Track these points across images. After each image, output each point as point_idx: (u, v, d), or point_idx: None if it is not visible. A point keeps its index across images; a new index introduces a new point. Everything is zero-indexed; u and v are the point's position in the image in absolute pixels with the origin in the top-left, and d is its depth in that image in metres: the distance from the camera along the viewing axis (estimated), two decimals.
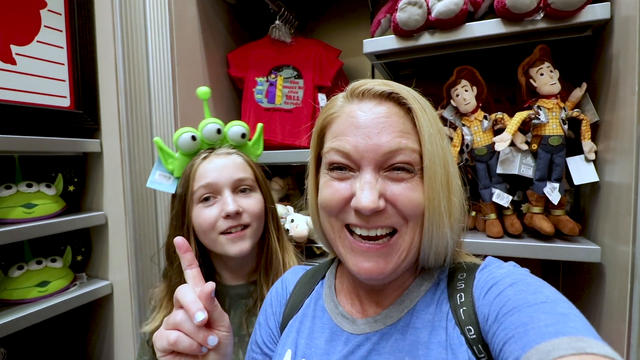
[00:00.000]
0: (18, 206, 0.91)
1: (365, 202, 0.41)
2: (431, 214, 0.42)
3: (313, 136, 0.51)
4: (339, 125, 0.46)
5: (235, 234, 0.70)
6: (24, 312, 0.87)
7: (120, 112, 1.02)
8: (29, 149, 0.90)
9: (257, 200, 0.74)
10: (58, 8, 0.97)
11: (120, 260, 1.06)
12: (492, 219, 0.93)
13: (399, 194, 0.42)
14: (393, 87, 0.45)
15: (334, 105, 0.48)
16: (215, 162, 0.73)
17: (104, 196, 1.07)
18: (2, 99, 0.86)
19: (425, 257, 0.46)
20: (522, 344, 0.32)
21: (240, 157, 0.76)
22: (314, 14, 1.42)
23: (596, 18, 0.77)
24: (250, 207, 0.72)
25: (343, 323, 0.49)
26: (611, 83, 0.79)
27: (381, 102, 0.44)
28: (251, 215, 0.72)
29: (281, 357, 0.51)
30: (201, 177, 0.71)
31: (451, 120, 0.97)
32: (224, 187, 0.71)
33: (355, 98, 0.46)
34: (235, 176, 0.72)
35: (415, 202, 0.42)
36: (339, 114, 0.46)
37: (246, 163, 0.76)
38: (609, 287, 0.80)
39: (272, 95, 1.21)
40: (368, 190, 0.41)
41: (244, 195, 0.73)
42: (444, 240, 0.44)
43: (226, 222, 0.69)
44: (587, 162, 0.85)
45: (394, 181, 0.43)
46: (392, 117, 0.43)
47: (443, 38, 0.88)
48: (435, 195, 0.42)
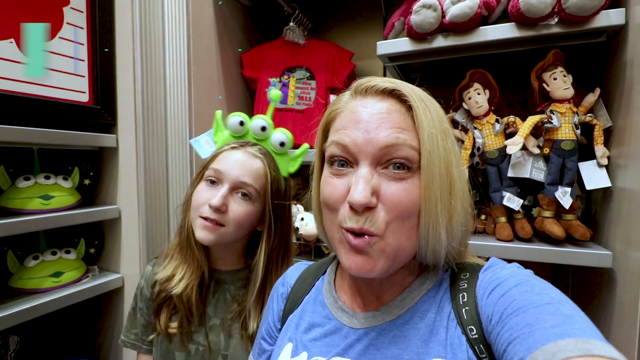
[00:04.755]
0: (36, 197, 0.93)
1: (358, 196, 0.40)
2: (427, 214, 0.42)
3: (318, 131, 0.51)
4: (341, 120, 0.46)
5: (209, 223, 0.70)
6: (37, 301, 0.88)
7: (137, 108, 1.04)
8: (48, 142, 0.92)
9: (247, 210, 0.72)
10: (80, 6, 0.99)
11: (132, 254, 1.07)
12: (503, 222, 0.93)
13: (391, 194, 0.42)
14: (396, 84, 0.45)
15: (340, 102, 0.49)
16: (237, 156, 0.73)
17: (118, 191, 1.09)
18: (24, 92, 0.89)
19: (422, 255, 0.45)
20: (528, 345, 0.32)
21: (262, 164, 0.74)
22: (327, 17, 1.44)
23: (611, 24, 0.77)
24: (235, 211, 0.71)
25: (343, 317, 0.50)
26: (625, 89, 0.79)
27: (383, 98, 0.45)
28: (231, 219, 0.71)
29: (281, 349, 0.52)
30: (218, 161, 0.73)
31: (463, 123, 0.97)
32: (226, 181, 0.71)
33: (359, 94, 0.47)
34: (241, 178, 0.71)
35: (405, 204, 0.42)
36: (342, 110, 0.47)
37: (264, 173, 0.74)
38: (620, 293, 0.79)
39: (285, 96, 1.22)
40: (362, 184, 0.41)
41: (241, 198, 0.72)
42: (440, 242, 0.43)
43: (208, 210, 0.70)
44: (600, 167, 0.85)
45: (391, 179, 0.42)
46: (392, 114, 0.43)
47: (457, 41, 0.89)
48: (431, 195, 0.41)
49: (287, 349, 0.51)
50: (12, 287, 0.93)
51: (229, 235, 0.72)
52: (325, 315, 0.52)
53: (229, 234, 0.71)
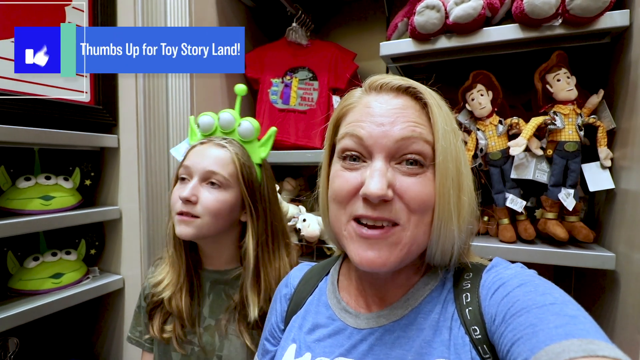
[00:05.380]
0: (36, 198, 0.93)
1: (374, 188, 0.40)
2: (440, 210, 0.42)
3: (329, 127, 0.51)
4: (354, 114, 0.46)
5: (184, 217, 0.71)
6: (37, 303, 0.88)
7: (138, 108, 1.03)
8: (49, 142, 0.91)
9: (218, 197, 0.71)
10: (82, 5, 0.99)
11: (133, 255, 1.07)
12: (505, 224, 0.93)
13: (407, 187, 0.42)
14: (410, 82, 0.46)
15: (352, 97, 0.49)
16: (203, 149, 0.74)
17: (119, 191, 1.08)
18: (25, 92, 0.88)
19: (431, 254, 0.46)
20: (531, 345, 0.32)
21: (228, 153, 0.73)
22: (330, 17, 1.43)
23: (615, 25, 0.77)
24: (205, 200, 0.71)
25: (346, 318, 0.50)
26: (629, 90, 0.79)
27: (398, 95, 0.45)
28: (204, 208, 0.70)
29: (284, 350, 0.52)
30: (187, 158, 0.74)
31: (466, 124, 0.97)
32: (194, 173, 0.72)
33: (373, 91, 0.47)
34: (208, 167, 0.71)
35: (422, 198, 0.42)
36: (355, 105, 0.47)
37: (231, 160, 0.73)
38: (623, 295, 0.79)
39: (287, 97, 1.22)
40: (378, 177, 0.41)
41: (211, 187, 0.72)
42: (451, 238, 0.44)
43: (181, 205, 0.71)
44: (603, 169, 0.85)
45: (404, 174, 0.43)
46: (407, 110, 0.44)
47: (460, 42, 0.89)
48: (445, 192, 0.42)
49: (290, 349, 0.51)
50: (12, 288, 0.92)
51: (207, 226, 0.71)
52: (328, 316, 0.52)
53: (206, 224, 0.71)
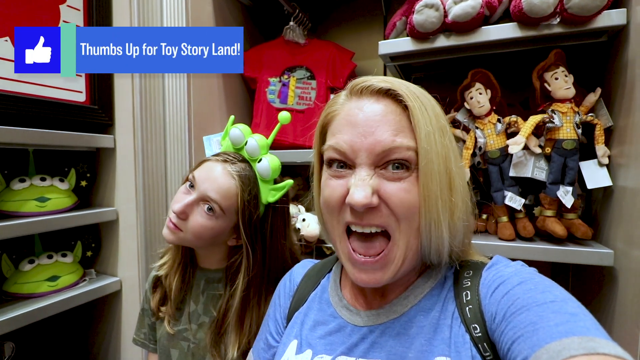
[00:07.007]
0: (31, 199, 0.91)
1: (358, 197, 0.41)
2: (427, 213, 0.42)
3: (315, 134, 0.51)
4: (337, 123, 0.47)
5: (171, 224, 0.71)
6: (33, 307, 0.87)
7: (135, 108, 1.02)
8: (44, 142, 0.90)
9: (206, 224, 0.70)
10: (77, 4, 0.98)
11: (130, 257, 1.06)
12: (504, 222, 0.93)
13: (391, 194, 0.42)
14: (392, 83, 0.45)
15: (335, 103, 0.49)
16: (214, 169, 0.71)
17: (116, 192, 1.07)
18: (19, 92, 0.87)
19: (426, 254, 0.46)
20: (532, 343, 0.32)
21: (235, 185, 0.70)
22: (327, 16, 1.43)
23: (612, 24, 0.78)
24: (192, 222, 0.70)
25: (347, 315, 0.50)
26: (626, 88, 0.80)
27: (379, 99, 0.45)
28: (189, 228, 0.70)
29: (286, 347, 0.52)
30: (200, 168, 0.73)
31: (464, 123, 0.98)
32: (197, 188, 0.71)
33: (355, 95, 0.47)
34: (208, 191, 0.69)
35: (407, 203, 0.42)
36: (338, 112, 0.47)
37: (235, 193, 0.70)
38: (622, 291, 0.80)
39: (285, 96, 1.21)
40: (361, 186, 0.42)
41: (204, 212, 0.70)
42: (443, 239, 0.44)
43: (172, 212, 0.72)
44: (600, 166, 0.85)
45: (389, 180, 0.43)
46: (388, 115, 0.44)
47: (459, 41, 0.89)
48: (430, 194, 0.42)
49: (292, 346, 0.51)
50: (7, 292, 0.91)
51: (188, 241, 0.73)
52: (330, 314, 0.52)
53: (187, 240, 0.72)
